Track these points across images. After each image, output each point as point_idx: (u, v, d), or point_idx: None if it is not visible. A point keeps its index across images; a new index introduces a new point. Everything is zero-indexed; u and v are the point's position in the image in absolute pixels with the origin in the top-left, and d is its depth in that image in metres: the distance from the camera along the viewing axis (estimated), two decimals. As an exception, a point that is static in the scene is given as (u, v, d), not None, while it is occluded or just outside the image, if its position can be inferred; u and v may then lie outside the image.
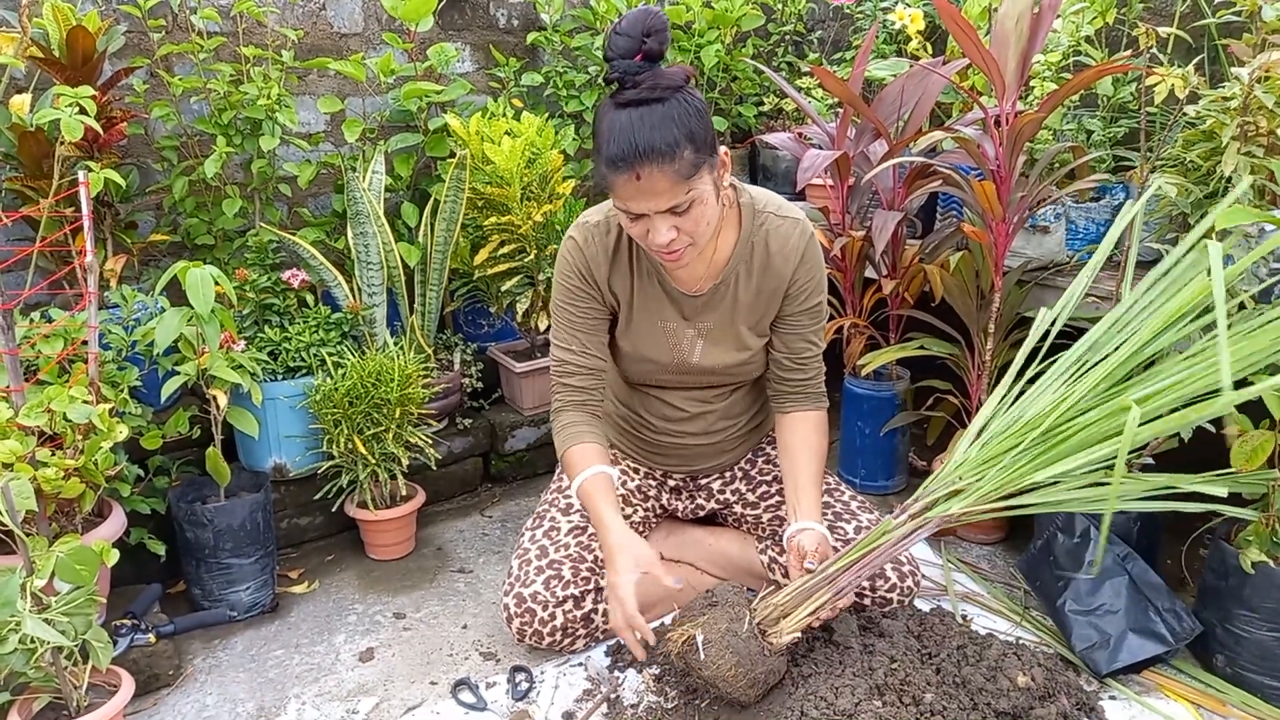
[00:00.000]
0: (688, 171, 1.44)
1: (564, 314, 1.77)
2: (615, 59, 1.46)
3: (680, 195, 1.46)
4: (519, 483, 2.70)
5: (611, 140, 1.43)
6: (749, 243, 1.71)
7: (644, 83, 1.44)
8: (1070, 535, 1.89)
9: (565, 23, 2.80)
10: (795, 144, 2.43)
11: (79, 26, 1.94)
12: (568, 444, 1.75)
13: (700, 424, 1.92)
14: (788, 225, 1.71)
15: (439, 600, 2.11)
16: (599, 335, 1.78)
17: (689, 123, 1.44)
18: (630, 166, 1.43)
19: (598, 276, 1.73)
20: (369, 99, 2.59)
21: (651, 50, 1.46)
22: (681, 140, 1.43)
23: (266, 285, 2.24)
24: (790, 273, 1.72)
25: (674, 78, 1.46)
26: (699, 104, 1.48)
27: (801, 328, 1.77)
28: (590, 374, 1.78)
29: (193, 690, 1.81)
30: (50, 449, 1.63)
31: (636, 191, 1.46)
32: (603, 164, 1.47)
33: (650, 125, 1.42)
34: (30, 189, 2.00)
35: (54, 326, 1.83)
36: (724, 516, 2.08)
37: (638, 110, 1.43)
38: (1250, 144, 1.64)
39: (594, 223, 1.73)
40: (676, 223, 1.50)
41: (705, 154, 1.47)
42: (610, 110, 1.46)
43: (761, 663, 1.51)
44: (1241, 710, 1.67)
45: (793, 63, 3.18)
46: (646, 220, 1.50)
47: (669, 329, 1.78)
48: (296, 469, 2.24)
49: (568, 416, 1.78)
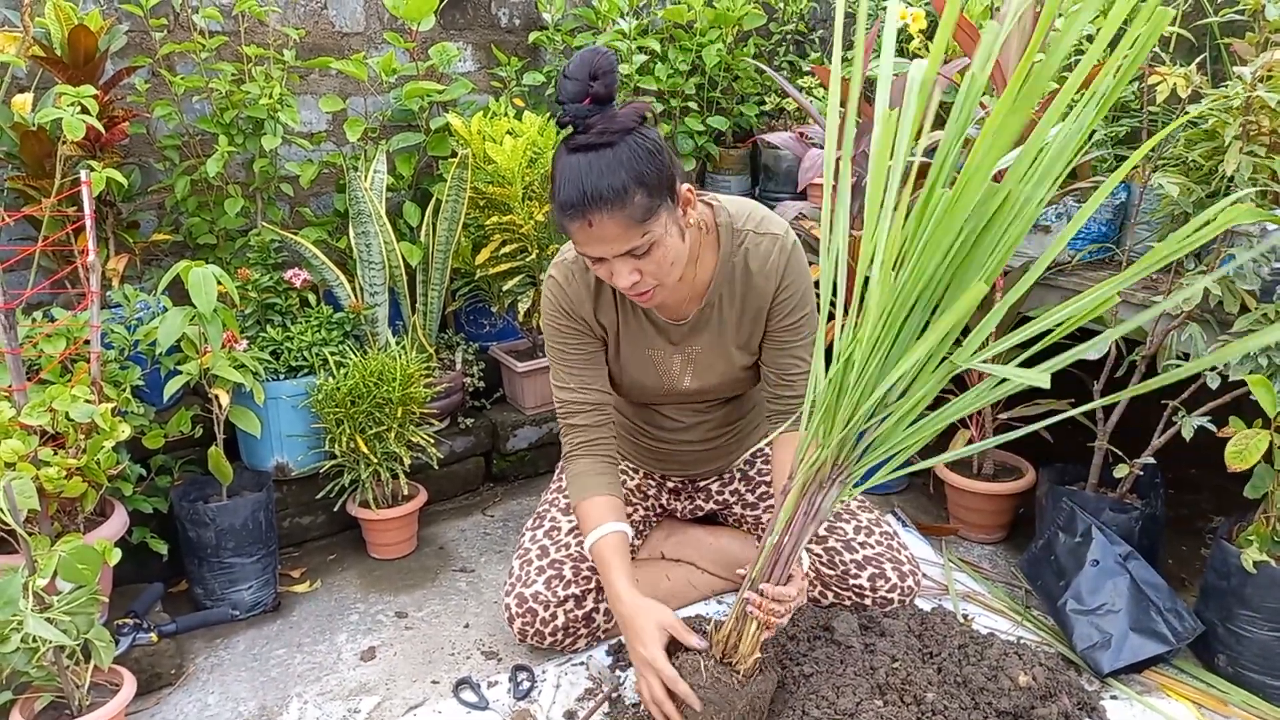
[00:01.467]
0: (640, 215, 1.41)
1: (557, 354, 1.74)
2: (566, 103, 1.42)
3: (635, 239, 1.43)
4: (521, 482, 2.70)
5: (563, 185, 1.41)
6: (729, 264, 1.67)
7: (594, 127, 1.40)
8: (1071, 535, 1.89)
9: (567, 22, 2.80)
10: (797, 143, 2.43)
11: (81, 26, 1.94)
12: (579, 496, 1.71)
13: (697, 433, 1.91)
14: (766, 242, 1.66)
15: (441, 599, 2.11)
16: (596, 369, 1.75)
17: (638, 166, 1.40)
18: (581, 214, 1.40)
19: (583, 313, 1.70)
20: (371, 98, 2.59)
21: (599, 94, 1.41)
22: (630, 185, 1.39)
23: (268, 285, 2.24)
24: (772, 291, 1.67)
25: (625, 120, 1.42)
26: (652, 145, 1.43)
27: (786, 344, 1.72)
28: (595, 409, 1.74)
29: (195, 689, 1.81)
30: (52, 448, 1.63)
31: (589, 237, 1.43)
32: (556, 210, 1.44)
33: (598, 171, 1.38)
34: (32, 188, 2.01)
35: (56, 326, 1.83)
36: (723, 517, 2.08)
37: (586, 156, 1.40)
38: (1252, 143, 1.64)
39: (570, 260, 1.68)
40: (638, 265, 1.47)
41: (660, 196, 1.43)
42: (563, 155, 1.43)
43: (741, 696, 1.45)
44: (1243, 710, 1.67)
45: (794, 62, 3.18)
46: (607, 263, 1.48)
47: (657, 357, 1.76)
48: (298, 468, 2.25)
49: (579, 465, 1.74)
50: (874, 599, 1.83)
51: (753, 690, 1.47)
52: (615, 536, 1.65)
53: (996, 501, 2.25)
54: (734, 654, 1.49)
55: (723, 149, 3.05)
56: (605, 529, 1.65)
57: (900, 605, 1.84)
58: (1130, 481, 1.95)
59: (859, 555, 1.83)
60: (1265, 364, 1.60)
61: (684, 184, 1.51)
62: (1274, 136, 1.64)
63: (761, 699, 1.50)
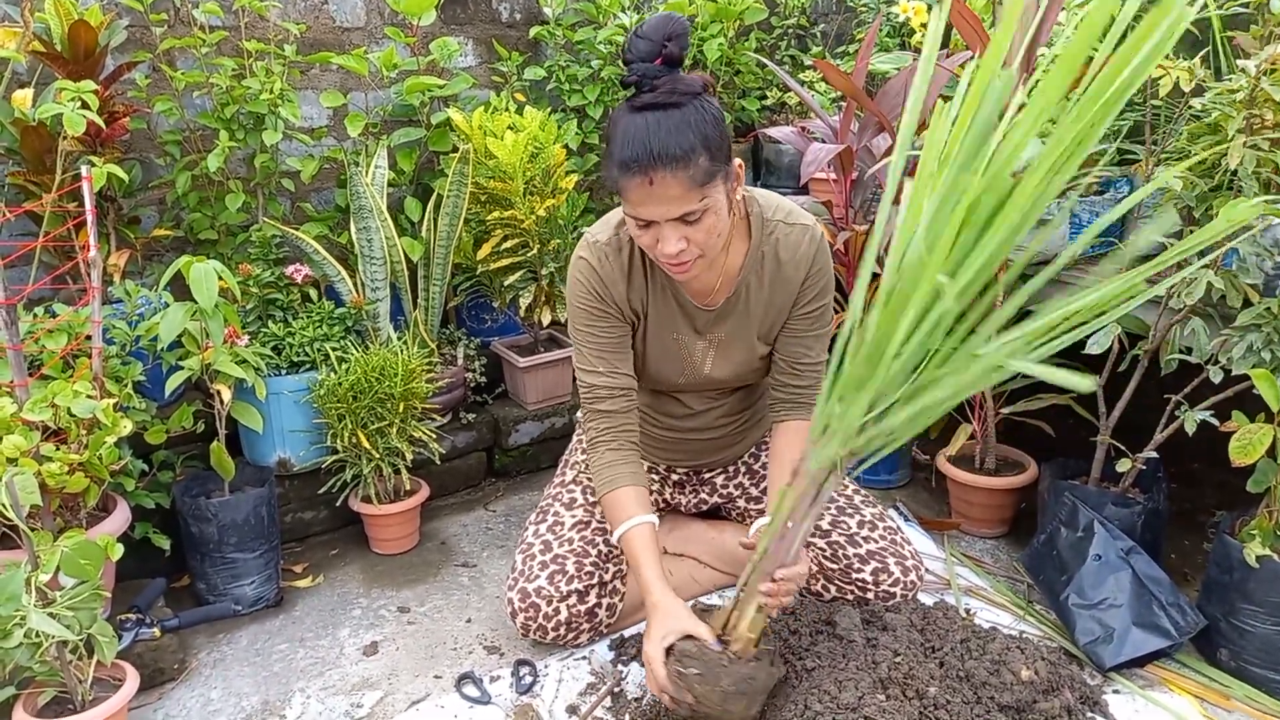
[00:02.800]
0: (702, 179, 1.41)
1: (586, 336, 1.72)
2: (635, 62, 1.43)
3: (693, 203, 1.43)
4: (522, 477, 2.70)
5: (625, 143, 1.41)
6: (759, 252, 1.68)
7: (662, 87, 1.42)
8: (1073, 529, 1.89)
9: (568, 17, 2.79)
10: (799, 138, 2.43)
11: (81, 21, 1.94)
12: (607, 488, 1.71)
13: (704, 419, 1.91)
14: (797, 232, 1.67)
15: (443, 594, 2.11)
16: (625, 352, 1.74)
17: (705, 130, 1.41)
18: (644, 170, 1.40)
19: (615, 295, 1.69)
20: (371, 93, 2.59)
21: (672, 55, 1.43)
22: (697, 146, 1.40)
23: (270, 280, 2.23)
24: (800, 279, 1.69)
25: (692, 84, 1.43)
26: (716, 112, 1.45)
27: (801, 333, 1.73)
28: (622, 395, 1.73)
29: (197, 684, 1.81)
30: (54, 444, 1.64)
31: (648, 197, 1.43)
32: (614, 167, 1.44)
33: (666, 130, 1.39)
34: (33, 184, 2.00)
35: (58, 322, 1.83)
36: (727, 510, 2.08)
37: (654, 114, 1.41)
38: (1256, 137, 1.64)
39: (604, 241, 1.68)
40: (686, 233, 1.46)
41: (720, 163, 1.44)
42: (625, 114, 1.44)
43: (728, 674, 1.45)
44: (1245, 704, 1.67)
45: (796, 56, 3.17)
46: (656, 229, 1.47)
47: (682, 342, 1.76)
48: (300, 463, 2.25)
49: (605, 454, 1.73)
50: (876, 593, 1.83)
51: (744, 671, 1.46)
52: (644, 528, 1.66)
53: (999, 496, 2.25)
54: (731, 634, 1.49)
55: (724, 143, 3.04)
56: (634, 521, 1.66)
57: (903, 599, 1.84)
58: (1133, 476, 1.95)
59: (862, 549, 1.83)
60: (1269, 358, 1.60)
61: (736, 159, 1.52)
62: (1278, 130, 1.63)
63: (752, 684, 1.48)
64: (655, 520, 1.69)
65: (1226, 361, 1.67)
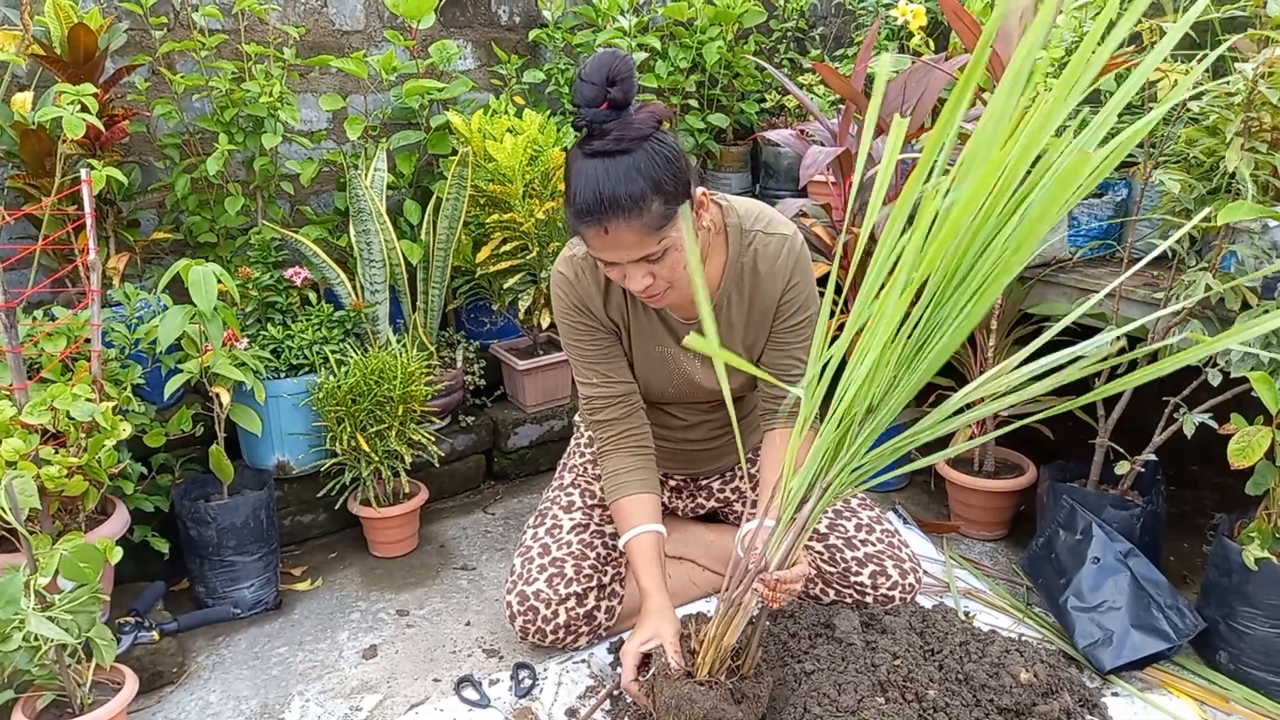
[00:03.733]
0: (657, 223, 1.41)
1: (575, 350, 1.73)
2: (582, 107, 1.41)
3: (651, 246, 1.43)
4: (521, 480, 2.70)
5: (579, 192, 1.40)
6: (738, 264, 1.67)
7: (611, 132, 1.39)
8: (1072, 532, 1.89)
9: (567, 19, 2.80)
10: (797, 141, 2.43)
11: (80, 24, 1.94)
12: (615, 495, 1.72)
13: (699, 432, 1.91)
14: (775, 242, 1.66)
15: (442, 597, 2.11)
16: (617, 360, 1.74)
17: (656, 174, 1.39)
18: (597, 220, 1.39)
19: (593, 309, 1.69)
20: (371, 96, 2.59)
21: (616, 99, 1.40)
22: (649, 193, 1.38)
23: (269, 283, 2.23)
24: (780, 290, 1.68)
25: (642, 126, 1.41)
26: (669, 152, 1.43)
27: (786, 344, 1.72)
28: (621, 402, 1.74)
29: (196, 688, 1.81)
30: (53, 447, 1.63)
31: (605, 244, 1.43)
32: (571, 215, 1.43)
33: (616, 179, 1.37)
34: (32, 187, 2.01)
35: (57, 325, 1.83)
36: (724, 514, 2.08)
37: (604, 162, 1.39)
38: (1254, 139, 1.64)
39: (580, 256, 1.68)
40: (651, 269, 1.47)
41: (676, 203, 1.43)
42: (578, 159, 1.42)
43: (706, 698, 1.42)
44: (1245, 706, 1.67)
45: (795, 59, 3.18)
46: (621, 266, 1.47)
47: (668, 354, 1.76)
48: (299, 466, 2.25)
49: (614, 461, 1.74)
50: (875, 596, 1.83)
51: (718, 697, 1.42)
52: (646, 537, 1.67)
53: (997, 499, 2.25)
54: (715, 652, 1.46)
55: (723, 146, 3.04)
56: (638, 530, 1.67)
57: (901, 602, 1.84)
58: (1131, 478, 1.95)
59: (860, 553, 1.83)
60: (1267, 360, 1.60)
61: (698, 187, 1.51)
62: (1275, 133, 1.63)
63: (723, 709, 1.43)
64: (662, 530, 1.70)
65: (1225, 364, 1.67)
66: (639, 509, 1.69)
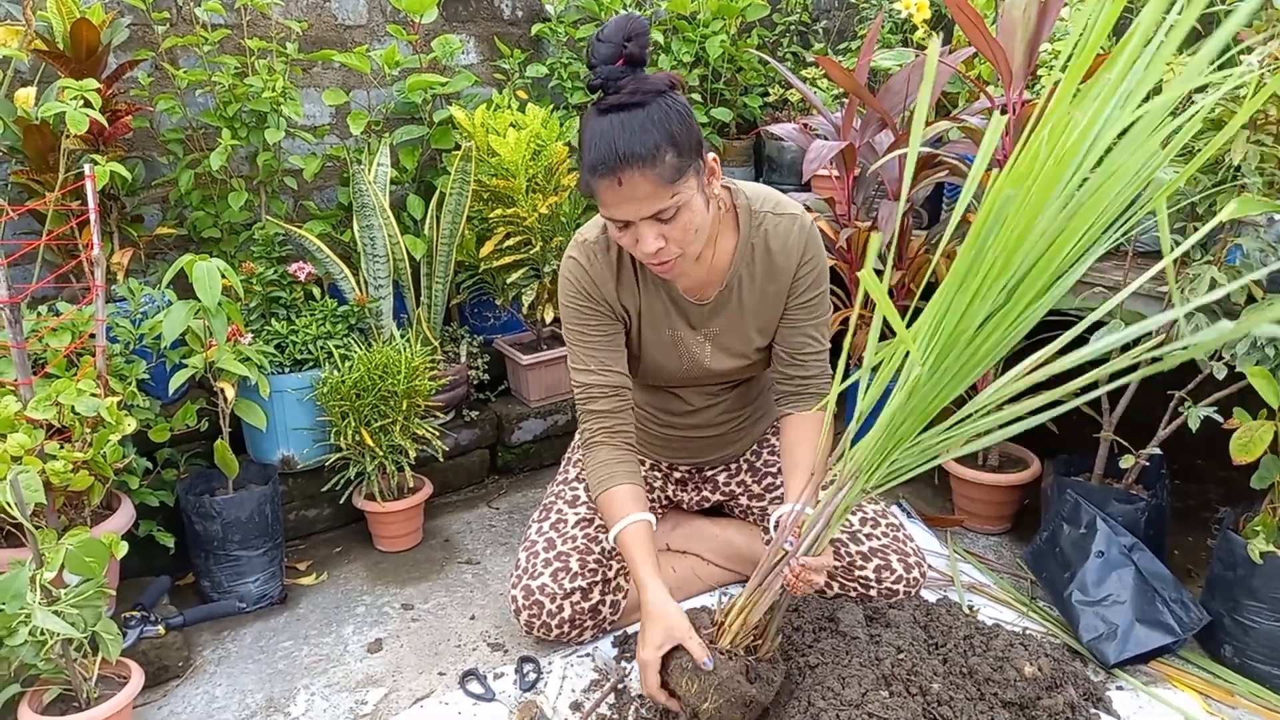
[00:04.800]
0: (670, 176, 1.41)
1: (577, 335, 1.72)
2: (598, 65, 1.43)
3: (664, 200, 1.43)
4: (526, 474, 2.70)
5: (593, 146, 1.41)
6: (749, 245, 1.68)
7: (625, 88, 1.42)
8: (1076, 526, 1.89)
9: (570, 14, 2.79)
10: (801, 135, 2.43)
11: (83, 19, 1.94)
12: (603, 486, 1.71)
13: (706, 416, 1.91)
14: (785, 222, 1.67)
15: (447, 591, 2.12)
16: (617, 351, 1.74)
17: (670, 126, 1.41)
18: (611, 171, 1.40)
19: (605, 294, 1.69)
20: (374, 91, 2.59)
21: (633, 54, 1.43)
22: (663, 144, 1.40)
23: (273, 278, 2.24)
24: (793, 269, 1.69)
25: (657, 82, 1.43)
26: (682, 108, 1.45)
27: (799, 322, 1.73)
28: (615, 393, 1.73)
29: (202, 682, 1.82)
30: (59, 442, 1.64)
31: (619, 197, 1.43)
32: (585, 171, 1.45)
33: (631, 130, 1.39)
34: (36, 182, 2.01)
35: (61, 320, 1.83)
36: (729, 508, 2.08)
37: (619, 115, 1.41)
38: (1260, 133, 1.63)
39: (593, 240, 1.68)
40: (663, 230, 1.47)
41: (689, 158, 1.44)
42: (593, 118, 1.44)
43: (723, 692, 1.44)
44: (1249, 700, 1.67)
45: (798, 53, 3.17)
46: (633, 229, 1.48)
47: (679, 337, 1.76)
48: (304, 461, 2.25)
49: (600, 453, 1.73)
50: (879, 590, 1.83)
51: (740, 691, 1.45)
52: (639, 526, 1.66)
53: (1002, 493, 2.25)
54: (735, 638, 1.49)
55: (726, 141, 3.04)
56: (629, 519, 1.66)
57: (905, 596, 1.84)
58: (1136, 472, 1.95)
59: (864, 547, 1.83)
60: (1272, 354, 1.60)
61: (710, 153, 1.52)
62: (1281, 125, 1.63)
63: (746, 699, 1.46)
64: (652, 519, 1.69)
65: (1230, 358, 1.67)
66: (631, 497, 1.69)
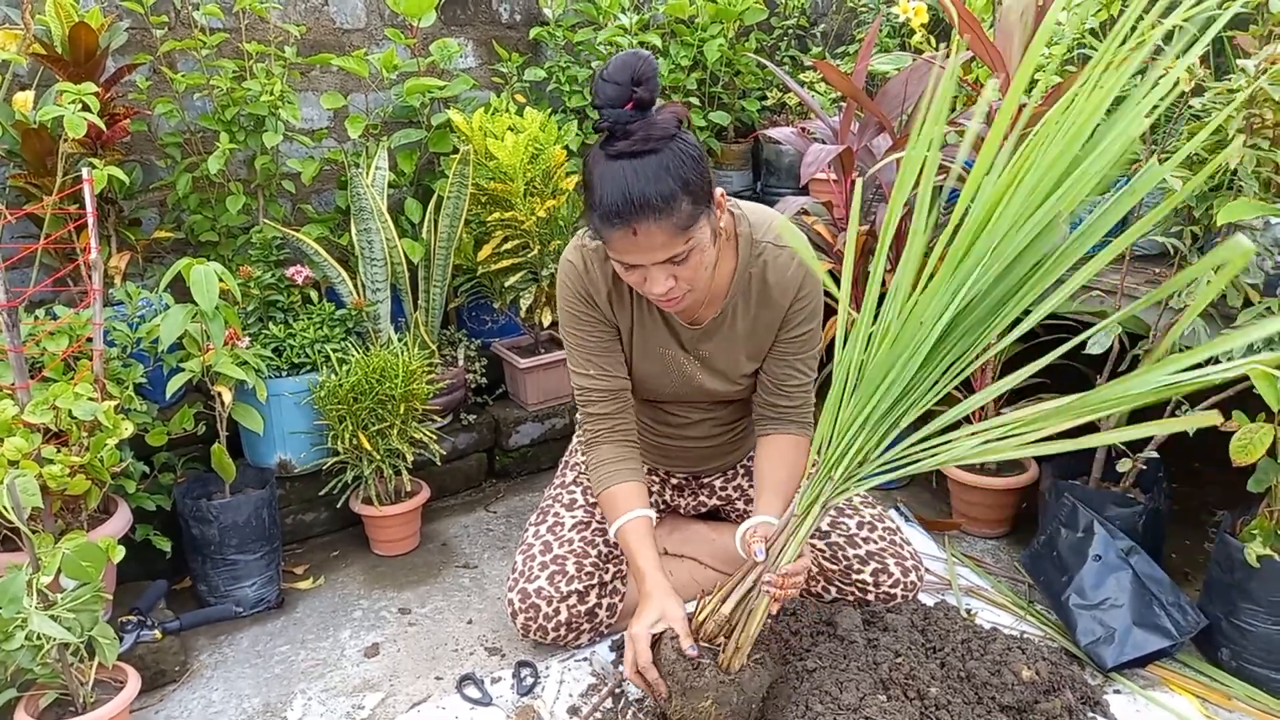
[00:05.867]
0: (685, 223, 1.39)
1: (575, 339, 1.72)
2: (604, 107, 1.39)
3: (678, 246, 1.41)
4: (523, 478, 2.70)
5: (605, 194, 1.38)
6: (746, 273, 1.66)
7: (636, 133, 1.37)
8: (1074, 530, 1.89)
9: (568, 17, 2.80)
10: (799, 138, 2.43)
11: (81, 23, 1.94)
12: (604, 484, 1.71)
13: (700, 430, 1.91)
14: (786, 255, 1.65)
15: (444, 595, 2.11)
16: (615, 355, 1.73)
17: (685, 174, 1.38)
18: (626, 222, 1.37)
19: (599, 301, 1.68)
20: (372, 95, 2.59)
21: (642, 99, 1.38)
22: (678, 192, 1.37)
23: (270, 282, 2.24)
24: (788, 303, 1.67)
25: (667, 126, 1.39)
26: (694, 151, 1.42)
27: (788, 355, 1.72)
28: (614, 396, 1.73)
29: (199, 686, 1.81)
30: (56, 446, 1.64)
31: (632, 246, 1.41)
32: (596, 218, 1.41)
33: (645, 179, 1.36)
34: (34, 186, 2.01)
35: (59, 324, 1.83)
36: (726, 513, 2.08)
37: (630, 162, 1.37)
38: (1256, 136, 1.64)
39: (592, 246, 1.66)
40: (674, 271, 1.45)
41: (703, 204, 1.42)
42: (601, 161, 1.40)
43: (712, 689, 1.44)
44: (1247, 704, 1.67)
45: (796, 57, 3.17)
46: (643, 270, 1.46)
47: (669, 356, 1.75)
48: (301, 465, 2.25)
49: (601, 452, 1.73)
50: (877, 594, 1.83)
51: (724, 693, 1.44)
52: (640, 521, 1.66)
53: (999, 496, 2.25)
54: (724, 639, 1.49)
55: (724, 144, 3.04)
56: (630, 515, 1.66)
57: (903, 600, 1.84)
58: (1133, 476, 1.95)
59: (862, 550, 1.83)
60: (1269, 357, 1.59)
61: (717, 188, 1.50)
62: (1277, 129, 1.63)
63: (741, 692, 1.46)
64: (653, 515, 1.70)
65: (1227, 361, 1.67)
66: (631, 494, 1.69)
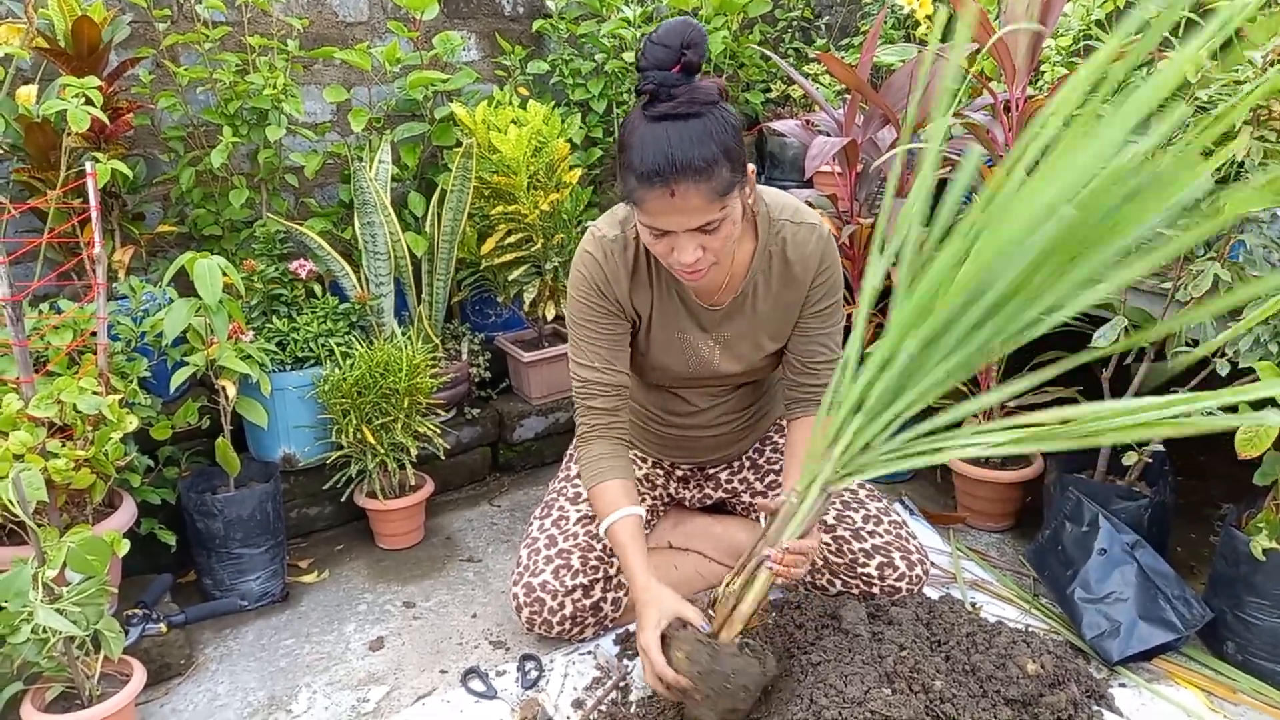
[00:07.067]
0: (723, 189, 1.40)
1: (584, 331, 1.71)
2: (650, 69, 1.40)
3: (713, 213, 1.42)
4: (527, 472, 2.70)
5: (646, 155, 1.38)
6: (766, 253, 1.67)
7: (680, 96, 1.39)
8: (1079, 523, 1.89)
9: (571, 10, 2.79)
10: (803, 131, 2.42)
11: (84, 17, 1.93)
12: (595, 481, 1.71)
13: (708, 417, 1.91)
14: (804, 231, 1.66)
15: (448, 589, 2.12)
16: (622, 350, 1.73)
17: (726, 140, 1.39)
18: (665, 182, 1.37)
19: (618, 292, 1.67)
20: (375, 88, 2.58)
21: (690, 63, 1.40)
22: (719, 157, 1.38)
23: (274, 276, 2.24)
24: (810, 279, 1.68)
25: (710, 93, 1.41)
26: (734, 121, 1.43)
27: (813, 331, 1.73)
28: (614, 392, 1.72)
29: (204, 679, 1.82)
30: (60, 440, 1.64)
31: (669, 208, 1.41)
32: (633, 178, 1.41)
33: (688, 141, 1.37)
34: (38, 180, 2.01)
35: (63, 318, 1.83)
36: (732, 505, 2.08)
37: (674, 124, 1.38)
38: (1263, 128, 1.63)
39: (610, 237, 1.66)
40: (703, 241, 1.45)
41: (739, 172, 1.43)
42: (643, 123, 1.41)
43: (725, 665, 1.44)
44: (1252, 697, 1.66)
45: (800, 49, 3.16)
46: (672, 237, 1.46)
47: (688, 340, 1.75)
48: (305, 459, 2.25)
49: (594, 448, 1.73)
50: (882, 587, 1.83)
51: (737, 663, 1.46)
52: (630, 520, 1.66)
53: (1004, 489, 2.24)
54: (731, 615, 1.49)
55: (728, 137, 3.03)
56: (620, 513, 1.66)
57: (908, 594, 1.84)
58: (1139, 469, 1.95)
59: (867, 544, 1.83)
60: (1275, 350, 1.59)
61: (751, 164, 1.51)
62: (1285, 121, 1.62)
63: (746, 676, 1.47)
64: (642, 513, 1.70)
65: (1233, 354, 1.66)
66: (622, 492, 1.69)
